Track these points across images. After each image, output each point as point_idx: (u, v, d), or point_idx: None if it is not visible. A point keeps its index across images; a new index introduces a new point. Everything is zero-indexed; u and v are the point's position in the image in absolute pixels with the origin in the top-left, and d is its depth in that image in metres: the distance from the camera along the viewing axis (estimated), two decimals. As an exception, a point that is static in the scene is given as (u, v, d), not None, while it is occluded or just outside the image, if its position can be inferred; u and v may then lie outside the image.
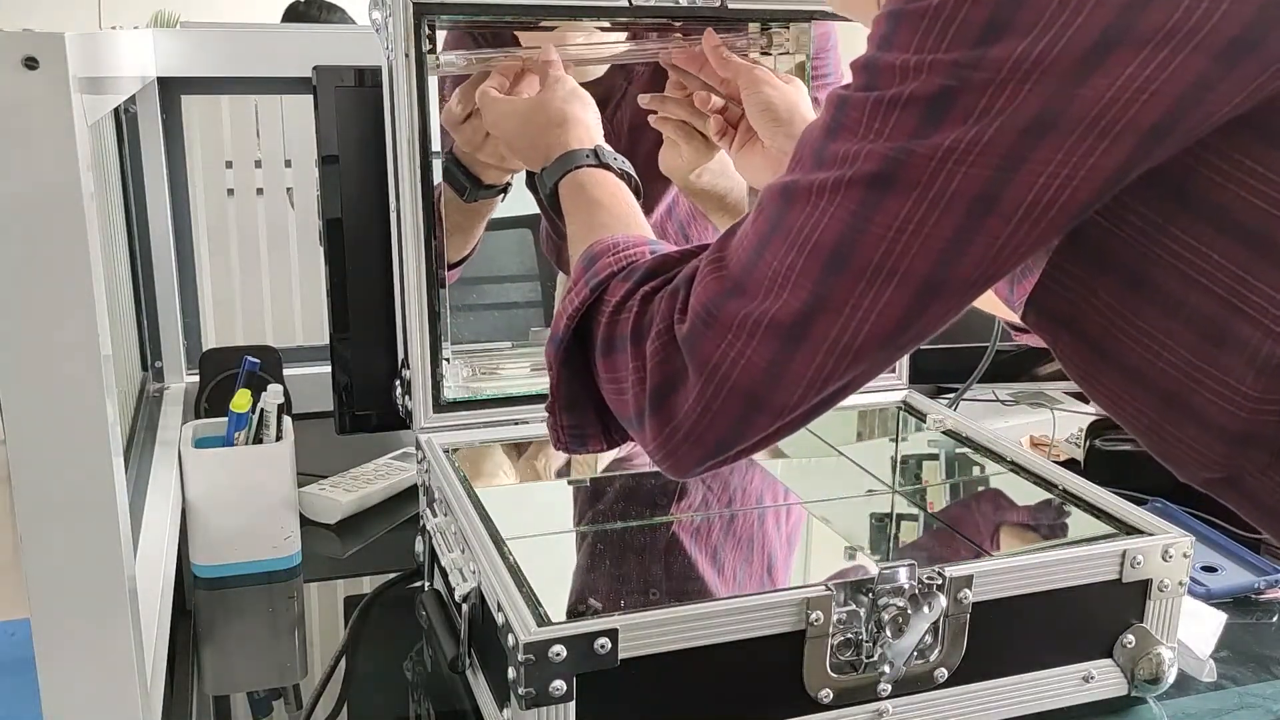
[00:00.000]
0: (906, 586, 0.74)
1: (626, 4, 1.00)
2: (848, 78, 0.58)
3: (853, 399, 1.12)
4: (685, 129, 1.06)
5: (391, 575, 1.04)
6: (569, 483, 1.17)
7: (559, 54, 1.00)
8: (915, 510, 1.11)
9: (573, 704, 0.69)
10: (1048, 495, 0.94)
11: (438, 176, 1.00)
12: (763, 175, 1.01)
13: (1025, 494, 0.96)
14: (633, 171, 0.89)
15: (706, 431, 0.62)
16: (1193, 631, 0.92)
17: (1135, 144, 0.51)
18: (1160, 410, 0.59)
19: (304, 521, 1.12)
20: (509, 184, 1.11)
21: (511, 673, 0.69)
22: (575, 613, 0.90)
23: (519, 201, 1.18)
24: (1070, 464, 1.31)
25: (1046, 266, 0.61)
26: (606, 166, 0.87)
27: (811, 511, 1.11)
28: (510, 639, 0.69)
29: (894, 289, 0.55)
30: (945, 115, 0.52)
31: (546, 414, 0.74)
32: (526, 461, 1.13)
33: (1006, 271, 0.56)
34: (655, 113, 1.08)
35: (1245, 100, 0.51)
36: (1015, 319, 0.86)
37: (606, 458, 1.19)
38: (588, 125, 0.92)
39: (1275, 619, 0.99)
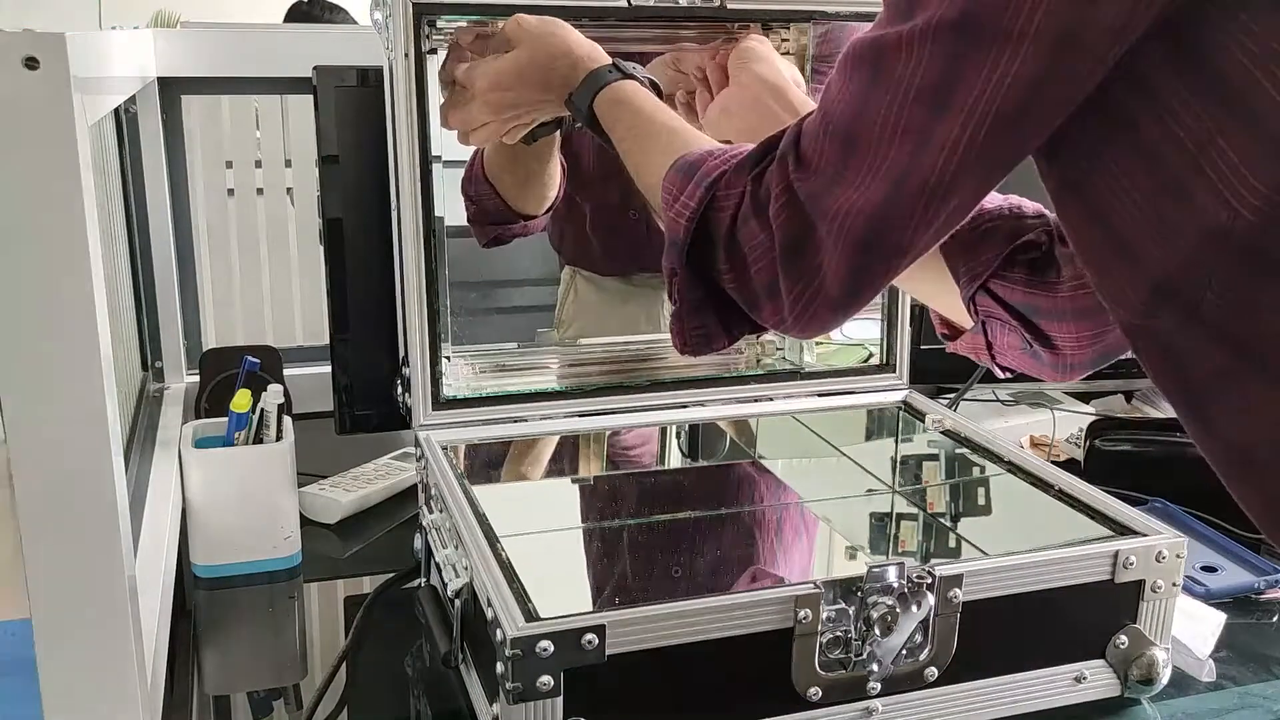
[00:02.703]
0: (895, 585, 0.75)
1: (626, 4, 1.00)
2: None
3: (853, 399, 1.14)
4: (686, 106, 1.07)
5: (391, 574, 1.04)
6: (570, 481, 1.17)
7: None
8: (915, 510, 1.11)
9: (560, 699, 0.69)
10: (1044, 495, 0.94)
11: (438, 177, 1.00)
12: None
13: (1022, 494, 0.96)
14: (655, 79, 0.91)
15: (833, 281, 0.65)
16: (1192, 631, 0.92)
17: None
18: (1107, 246, 0.61)
19: (304, 521, 1.12)
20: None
21: (500, 667, 0.69)
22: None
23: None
24: (1070, 464, 1.31)
25: None
26: (632, 76, 0.89)
27: (812, 511, 1.11)
28: (499, 634, 0.69)
29: (988, 129, 0.58)
30: None
31: (672, 321, 0.77)
32: (525, 460, 1.13)
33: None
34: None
35: None
36: (954, 318, 0.86)
37: (604, 456, 1.19)
38: (592, 45, 0.92)
39: (1275, 619, 0.99)
